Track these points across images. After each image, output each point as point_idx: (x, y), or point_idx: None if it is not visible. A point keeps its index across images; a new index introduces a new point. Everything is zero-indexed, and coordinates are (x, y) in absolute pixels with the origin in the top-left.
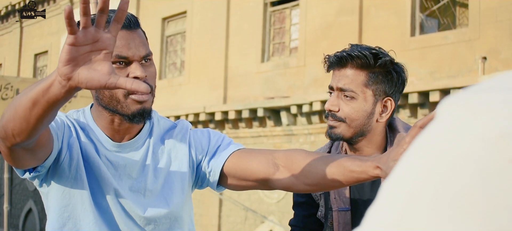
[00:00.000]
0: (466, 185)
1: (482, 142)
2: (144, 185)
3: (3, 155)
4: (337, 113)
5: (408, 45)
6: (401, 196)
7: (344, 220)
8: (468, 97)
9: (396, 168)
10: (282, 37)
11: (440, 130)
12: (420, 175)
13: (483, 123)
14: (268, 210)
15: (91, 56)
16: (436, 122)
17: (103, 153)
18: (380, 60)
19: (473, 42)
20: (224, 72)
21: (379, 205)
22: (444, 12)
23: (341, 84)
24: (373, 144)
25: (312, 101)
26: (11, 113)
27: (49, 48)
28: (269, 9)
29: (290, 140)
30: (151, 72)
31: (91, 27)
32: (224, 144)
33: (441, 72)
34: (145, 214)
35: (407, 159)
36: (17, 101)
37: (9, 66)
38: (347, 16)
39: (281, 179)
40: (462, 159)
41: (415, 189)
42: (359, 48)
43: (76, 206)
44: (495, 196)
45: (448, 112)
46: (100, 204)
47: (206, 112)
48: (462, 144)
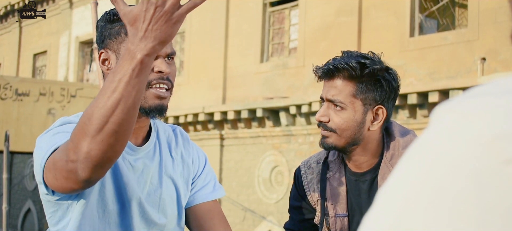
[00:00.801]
0: (462, 188)
1: (477, 144)
2: (159, 193)
3: (63, 187)
4: (328, 124)
5: (407, 46)
6: (397, 201)
7: (342, 226)
8: (461, 102)
9: (393, 173)
10: (281, 38)
11: (434, 135)
12: (416, 179)
13: (477, 125)
14: (267, 210)
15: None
16: (430, 128)
17: (127, 158)
18: (367, 70)
19: (472, 43)
20: (223, 73)
21: (376, 210)
22: (443, 13)
23: (330, 95)
24: (368, 151)
25: (311, 101)
26: (110, 143)
27: (48, 48)
28: (268, 9)
29: (289, 140)
30: (173, 70)
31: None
32: (210, 185)
33: (440, 73)
34: (159, 221)
35: (403, 165)
36: (95, 127)
37: (8, 66)
38: (346, 16)
39: None
40: (457, 162)
41: (411, 193)
42: (347, 59)
43: (94, 214)
44: (490, 198)
45: (442, 118)
46: (120, 211)
47: (205, 112)
48: (456, 147)
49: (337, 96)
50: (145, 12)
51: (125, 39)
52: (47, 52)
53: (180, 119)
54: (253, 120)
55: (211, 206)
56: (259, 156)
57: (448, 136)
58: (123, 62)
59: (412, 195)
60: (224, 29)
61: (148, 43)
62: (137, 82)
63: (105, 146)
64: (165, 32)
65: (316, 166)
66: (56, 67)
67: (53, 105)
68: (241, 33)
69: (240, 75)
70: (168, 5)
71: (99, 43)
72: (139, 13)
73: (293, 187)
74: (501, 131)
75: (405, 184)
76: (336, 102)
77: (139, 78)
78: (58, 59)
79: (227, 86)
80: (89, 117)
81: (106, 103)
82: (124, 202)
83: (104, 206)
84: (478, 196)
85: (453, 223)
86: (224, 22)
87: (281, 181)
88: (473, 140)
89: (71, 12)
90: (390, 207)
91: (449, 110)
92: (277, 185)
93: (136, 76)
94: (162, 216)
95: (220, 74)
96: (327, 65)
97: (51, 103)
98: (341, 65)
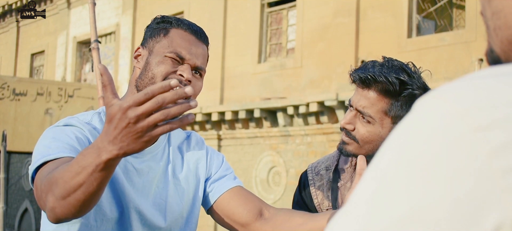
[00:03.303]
0: (434, 154)
1: (449, 115)
2: (164, 203)
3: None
4: (352, 131)
5: (405, 46)
6: (376, 175)
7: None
8: (436, 90)
9: (376, 155)
10: (279, 38)
11: (411, 116)
12: (392, 153)
13: (450, 101)
14: None
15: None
16: (409, 114)
17: (129, 160)
18: (406, 92)
19: (470, 44)
20: (221, 73)
21: (357, 187)
22: (441, 14)
23: (360, 106)
24: None
25: (308, 102)
26: (72, 210)
27: (45, 48)
28: (266, 10)
29: (287, 140)
30: (197, 85)
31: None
32: (230, 177)
33: (437, 74)
34: (163, 225)
35: (384, 145)
36: (71, 203)
37: (5, 66)
38: (344, 17)
39: (261, 227)
40: (431, 133)
41: (388, 165)
42: (387, 71)
43: (92, 223)
44: (462, 160)
45: (419, 103)
46: (118, 219)
47: (203, 113)
48: (430, 120)
49: (367, 109)
50: (119, 120)
51: (163, 39)
52: (44, 52)
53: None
54: (250, 120)
55: (232, 191)
56: (256, 157)
57: (422, 113)
58: (90, 152)
59: (388, 166)
60: (222, 30)
61: (114, 150)
62: (99, 176)
63: (68, 210)
64: (132, 148)
65: (326, 173)
66: (54, 67)
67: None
68: (238, 34)
69: (237, 75)
70: (140, 125)
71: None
72: (115, 117)
73: (297, 192)
74: (473, 102)
75: (383, 158)
76: (364, 115)
77: (102, 173)
78: (56, 59)
79: (224, 87)
80: (56, 180)
81: (70, 182)
82: (123, 209)
83: (103, 215)
84: (450, 160)
85: (426, 185)
86: (221, 22)
87: (278, 181)
88: (446, 113)
89: (69, 12)
90: (369, 182)
91: (425, 96)
92: (274, 186)
93: (99, 171)
94: (168, 219)
95: (218, 75)
96: (364, 73)
97: (48, 103)
98: (380, 77)
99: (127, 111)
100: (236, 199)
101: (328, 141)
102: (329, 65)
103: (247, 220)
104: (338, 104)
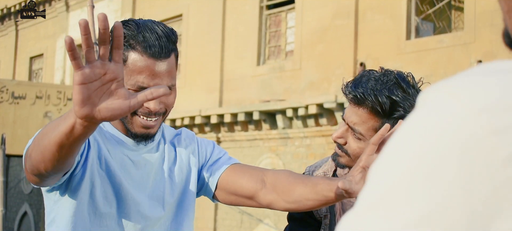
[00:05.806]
0: (445, 157)
1: (463, 117)
2: (162, 194)
3: (28, 179)
4: (344, 145)
5: (404, 48)
6: (384, 176)
7: None
8: (446, 83)
9: (381, 153)
10: (278, 41)
11: (421, 114)
12: (402, 155)
13: (463, 100)
14: (263, 213)
15: (104, 90)
16: (417, 110)
17: (126, 153)
18: (398, 113)
19: (469, 46)
20: (220, 76)
21: (365, 188)
22: (440, 16)
23: (351, 122)
24: None
25: (307, 104)
26: (38, 156)
27: (44, 51)
28: (265, 12)
29: (286, 143)
30: (170, 101)
31: (97, 61)
32: (225, 158)
33: (436, 75)
34: (159, 214)
35: (391, 143)
36: (42, 145)
37: (4, 69)
38: (343, 19)
39: (265, 195)
40: (443, 134)
41: (397, 167)
42: (379, 89)
43: (85, 216)
44: (473, 166)
45: (428, 98)
46: (115, 212)
47: (202, 115)
48: (442, 122)
49: (358, 126)
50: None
51: (125, 66)
52: (43, 55)
53: (177, 122)
54: (249, 123)
55: (229, 170)
56: (256, 159)
57: (434, 112)
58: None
59: (398, 169)
60: (221, 32)
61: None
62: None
63: (41, 153)
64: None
65: None
66: (53, 70)
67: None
68: (237, 36)
69: (236, 78)
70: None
71: None
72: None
73: None
74: (487, 103)
75: (392, 160)
76: (355, 132)
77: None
78: (55, 62)
79: (223, 89)
80: (39, 136)
81: (48, 133)
82: (119, 202)
83: (95, 208)
84: (462, 164)
85: (437, 187)
86: (220, 25)
87: None
88: (459, 113)
89: (68, 15)
90: (378, 184)
91: (434, 90)
92: None
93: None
94: (165, 209)
95: (217, 77)
96: (355, 90)
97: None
98: (370, 97)
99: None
100: (238, 174)
101: (327, 143)
102: (328, 67)
103: (252, 191)
104: (337, 107)
